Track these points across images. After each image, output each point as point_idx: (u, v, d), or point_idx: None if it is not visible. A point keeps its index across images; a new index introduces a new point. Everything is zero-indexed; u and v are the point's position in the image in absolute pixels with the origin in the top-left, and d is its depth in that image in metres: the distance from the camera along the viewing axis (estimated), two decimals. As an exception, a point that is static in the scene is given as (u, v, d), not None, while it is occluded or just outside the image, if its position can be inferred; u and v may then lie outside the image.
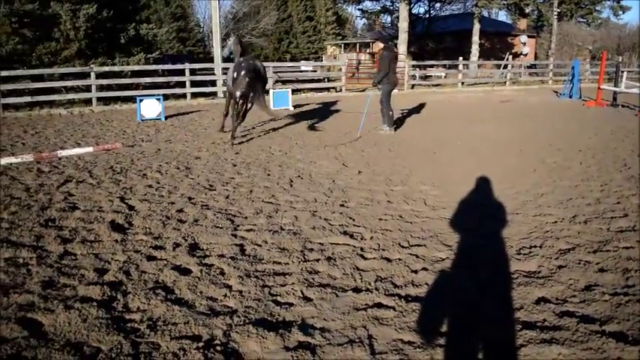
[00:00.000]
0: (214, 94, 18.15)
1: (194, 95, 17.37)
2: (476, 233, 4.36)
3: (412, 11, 33.03)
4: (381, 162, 7.33)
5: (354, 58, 30.45)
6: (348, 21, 56.37)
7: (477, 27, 28.96)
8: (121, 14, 17.05)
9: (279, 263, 3.75)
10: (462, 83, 23.79)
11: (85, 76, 15.24)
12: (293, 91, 15.80)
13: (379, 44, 10.86)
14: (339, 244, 4.13)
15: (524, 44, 36.14)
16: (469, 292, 3.26)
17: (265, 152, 8.12)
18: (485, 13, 34.87)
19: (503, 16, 48.00)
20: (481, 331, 2.81)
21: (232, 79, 8.92)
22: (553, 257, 3.81)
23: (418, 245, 4.10)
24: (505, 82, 24.81)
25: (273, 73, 18.73)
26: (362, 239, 4.25)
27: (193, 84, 17.39)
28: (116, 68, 15.99)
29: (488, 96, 19.59)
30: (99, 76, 15.45)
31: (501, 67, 26.81)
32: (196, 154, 7.98)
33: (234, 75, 8.84)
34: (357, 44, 43.94)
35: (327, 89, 20.73)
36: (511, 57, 31.42)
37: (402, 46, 26.68)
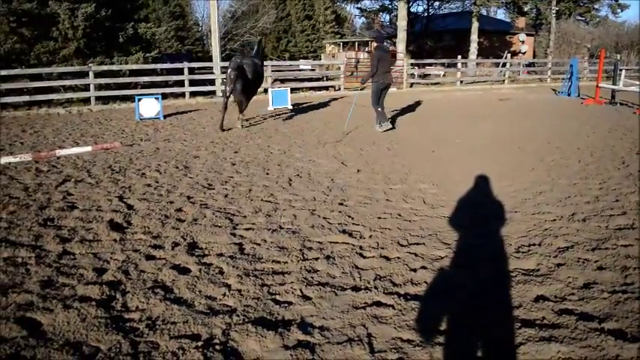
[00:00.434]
0: (213, 93, 18.13)
1: (193, 94, 17.35)
2: (475, 231, 4.36)
3: (411, 10, 33.03)
4: (380, 160, 7.33)
5: (352, 56, 30.41)
6: (346, 20, 56.34)
7: (475, 25, 28.95)
8: (119, 13, 17.02)
9: (278, 262, 3.75)
10: (461, 82, 23.80)
11: (83, 75, 15.21)
12: (292, 90, 15.78)
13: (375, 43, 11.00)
14: (338, 243, 4.14)
15: (522, 42, 36.14)
16: (468, 291, 3.26)
17: (264, 151, 8.12)
18: (483, 12, 34.84)
19: (501, 14, 48.00)
20: (480, 330, 2.81)
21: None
22: (552, 255, 3.81)
23: (417, 244, 4.10)
24: (504, 81, 24.82)
25: (272, 72, 18.74)
26: (361, 238, 4.25)
27: (192, 83, 17.37)
28: (115, 67, 15.95)
29: (487, 94, 19.59)
30: (97, 75, 15.42)
31: (500, 66, 26.80)
32: (195, 153, 7.98)
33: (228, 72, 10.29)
34: (356, 43, 43.93)
35: (326, 88, 20.71)
36: (510, 55, 31.43)
37: (400, 45, 26.63)
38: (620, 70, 16.25)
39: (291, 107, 14.25)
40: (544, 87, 23.08)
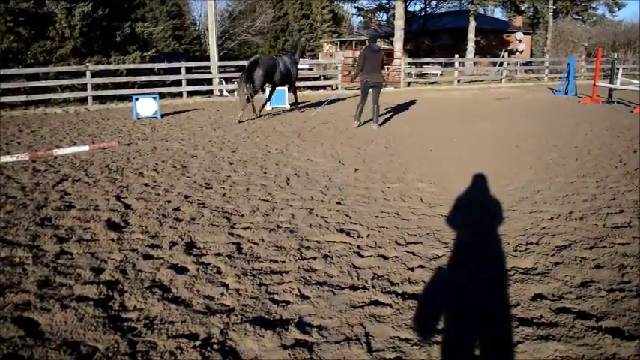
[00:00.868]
0: (210, 93, 18.11)
1: (190, 93, 17.33)
2: (472, 230, 4.37)
3: (408, 9, 33.04)
4: (378, 159, 7.33)
5: (350, 55, 30.39)
6: (344, 19, 56.22)
7: (472, 24, 28.95)
8: (116, 12, 16.99)
9: (276, 261, 3.75)
10: (458, 80, 23.83)
11: (80, 74, 15.18)
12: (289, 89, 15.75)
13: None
14: (335, 242, 4.13)
15: (519, 41, 36.16)
16: (466, 289, 3.26)
17: (262, 150, 8.11)
18: (481, 11, 34.79)
19: (499, 13, 47.98)
20: (478, 328, 2.81)
21: None
22: (549, 254, 3.82)
23: (415, 243, 4.10)
24: (501, 80, 24.85)
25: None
26: (358, 237, 4.25)
27: (189, 82, 17.36)
28: (112, 67, 15.93)
29: (484, 93, 19.61)
30: (94, 74, 15.40)
31: (497, 65, 26.84)
32: (193, 152, 7.97)
33: None
34: (354, 42, 43.89)
35: (324, 87, 20.70)
36: (507, 54, 31.46)
37: (398, 44, 26.62)
38: (617, 68, 16.30)
39: (288, 106, 14.24)
40: (541, 86, 23.11)
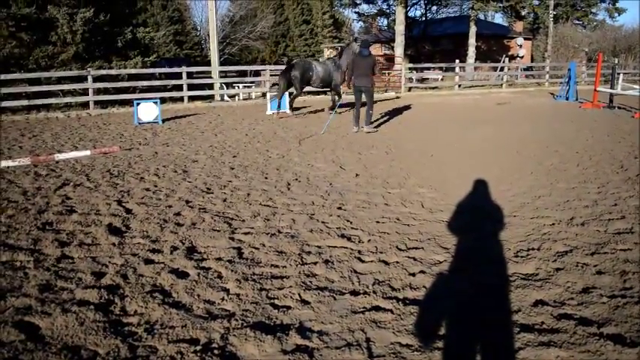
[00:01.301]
0: (211, 97, 18.14)
1: (191, 98, 17.37)
2: (473, 236, 4.36)
3: (409, 14, 33.13)
4: (379, 165, 7.33)
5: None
6: (344, 24, 56.38)
7: (473, 30, 29.01)
8: (117, 18, 17.06)
9: (277, 266, 3.75)
10: (459, 86, 23.84)
11: (82, 79, 15.23)
12: (290, 94, 15.78)
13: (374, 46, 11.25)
14: (336, 247, 4.13)
15: (520, 46, 36.18)
16: (467, 295, 3.26)
17: (263, 155, 8.12)
18: (481, 16, 34.88)
19: (499, 18, 48.06)
20: (479, 334, 2.80)
21: None
22: (551, 260, 3.81)
23: (416, 248, 4.10)
24: (502, 85, 24.88)
25: (270, 76, 18.76)
26: (359, 242, 4.25)
27: (190, 87, 17.40)
28: (113, 72, 15.98)
29: (485, 98, 19.63)
30: (96, 79, 15.44)
31: (498, 70, 26.88)
32: (194, 157, 7.98)
33: None
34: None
35: (325, 92, 20.68)
36: (507, 59, 31.51)
37: (398, 49, 26.68)
38: (618, 73, 16.31)
39: (289, 112, 14.25)
40: (542, 91, 23.14)
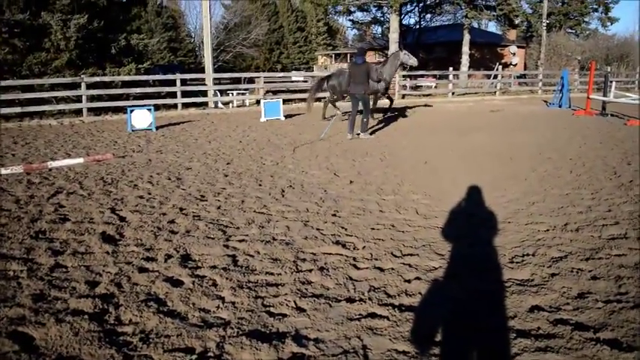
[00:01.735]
0: (205, 105, 18.13)
1: (185, 105, 17.36)
2: (468, 242, 4.37)
3: (402, 22, 33.26)
4: (373, 171, 7.34)
5: (345, 68, 30.50)
6: (339, 32, 56.67)
7: (466, 38, 29.19)
8: (111, 24, 17.03)
9: (272, 274, 3.73)
10: (453, 93, 23.97)
11: (75, 86, 15.18)
12: (284, 102, 15.83)
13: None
14: (331, 254, 4.12)
15: (513, 54, 36.48)
16: (462, 301, 3.26)
17: (257, 162, 8.11)
18: (475, 24, 35.11)
19: (492, 27, 48.42)
20: (475, 340, 2.80)
21: None
22: (546, 265, 3.82)
23: (411, 254, 4.10)
24: (495, 92, 25.03)
25: (264, 83, 18.79)
26: (354, 249, 4.24)
27: (184, 94, 17.38)
28: (107, 78, 15.95)
29: (479, 106, 19.73)
30: (89, 86, 15.39)
31: (491, 77, 27.03)
32: (187, 164, 7.96)
33: None
34: (348, 54, 44.15)
35: (319, 99, 20.72)
36: (501, 67, 31.69)
37: (392, 57, 26.75)
38: (611, 81, 16.44)
39: (283, 118, 14.27)
40: (535, 98, 23.30)
